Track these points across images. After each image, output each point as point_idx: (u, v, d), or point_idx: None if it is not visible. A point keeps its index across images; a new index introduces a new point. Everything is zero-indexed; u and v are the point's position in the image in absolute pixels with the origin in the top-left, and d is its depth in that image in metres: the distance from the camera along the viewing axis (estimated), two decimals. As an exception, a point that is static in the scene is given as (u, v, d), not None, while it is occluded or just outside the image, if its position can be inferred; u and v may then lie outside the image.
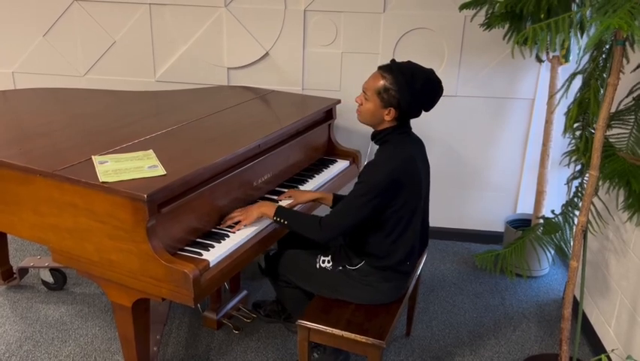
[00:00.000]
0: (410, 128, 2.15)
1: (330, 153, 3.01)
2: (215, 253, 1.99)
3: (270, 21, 3.31)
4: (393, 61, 2.08)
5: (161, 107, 2.87)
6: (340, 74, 3.38)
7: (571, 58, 3.08)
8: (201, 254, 1.98)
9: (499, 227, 3.62)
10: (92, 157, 2.05)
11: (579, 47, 3.07)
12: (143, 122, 2.58)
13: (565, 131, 2.23)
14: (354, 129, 3.39)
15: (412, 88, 1.99)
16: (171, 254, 1.88)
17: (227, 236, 2.11)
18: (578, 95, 2.14)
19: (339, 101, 3.01)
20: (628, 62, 1.94)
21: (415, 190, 2.09)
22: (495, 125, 3.45)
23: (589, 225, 2.17)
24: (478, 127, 3.44)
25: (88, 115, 2.72)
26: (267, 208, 2.17)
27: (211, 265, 1.94)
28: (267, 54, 3.39)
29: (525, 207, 3.57)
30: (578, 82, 2.24)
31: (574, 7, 2.35)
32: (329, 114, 2.97)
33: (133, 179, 1.89)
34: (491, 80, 3.34)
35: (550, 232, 2.37)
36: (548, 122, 3.18)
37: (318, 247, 2.32)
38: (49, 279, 3.03)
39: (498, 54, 3.29)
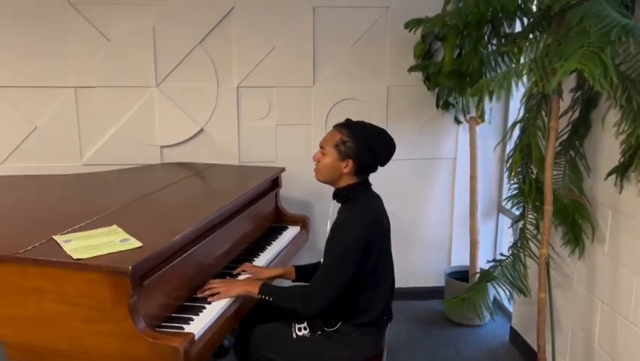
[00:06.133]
0: (370, 184, 2.23)
1: (279, 220, 3.03)
2: (199, 325, 1.89)
3: (204, 98, 3.36)
4: (348, 119, 2.19)
5: (101, 187, 2.76)
6: (276, 145, 3.47)
7: (486, 117, 3.41)
8: (183, 328, 1.87)
9: (437, 282, 3.75)
10: (54, 237, 1.92)
11: (490, 107, 3.43)
12: (87, 204, 2.47)
13: (509, 176, 2.43)
14: (297, 196, 3.46)
15: (367, 139, 2.09)
16: (151, 332, 1.77)
17: (204, 308, 2.02)
18: (517, 142, 2.37)
19: (283, 169, 3.06)
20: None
21: (385, 244, 2.15)
22: (422, 184, 3.67)
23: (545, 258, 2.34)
24: (407, 187, 3.63)
25: (22, 201, 2.54)
26: (251, 286, 2.10)
27: (196, 338, 1.84)
28: (201, 130, 3.40)
29: (458, 260, 3.76)
30: (489, 134, 2.48)
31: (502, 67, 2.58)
32: (275, 182, 3.01)
33: (109, 253, 1.78)
34: (416, 143, 3.58)
35: (504, 274, 2.52)
36: (473, 177, 3.44)
37: (289, 316, 2.24)
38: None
39: (418, 120, 3.56)
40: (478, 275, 3.40)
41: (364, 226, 2.03)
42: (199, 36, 3.28)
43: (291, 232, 2.92)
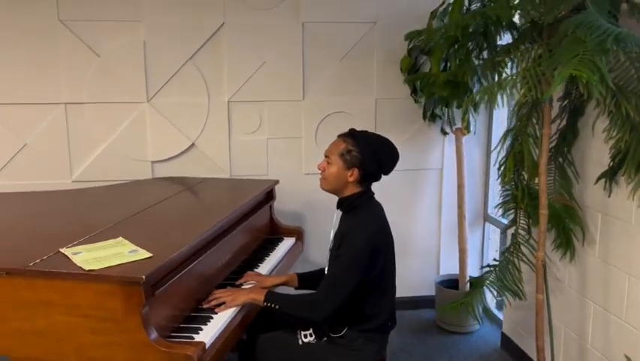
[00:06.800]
0: (373, 193, 2.28)
1: (274, 232, 3.05)
2: (208, 334, 1.91)
3: (195, 113, 3.38)
4: (352, 129, 2.24)
5: (97, 203, 2.75)
6: (267, 158, 3.50)
7: (471, 128, 3.50)
8: (193, 337, 1.88)
9: (426, 290, 3.80)
10: (61, 250, 1.91)
11: (475, 118, 3.53)
12: (86, 218, 2.46)
13: (502, 183, 2.51)
14: (288, 209, 3.48)
15: (372, 148, 2.14)
16: (162, 342, 1.78)
17: (212, 317, 2.03)
18: (509, 150, 2.45)
19: (277, 182, 3.10)
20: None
21: (389, 252, 2.20)
22: (410, 195, 3.73)
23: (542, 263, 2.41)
24: (395, 198, 3.67)
25: (21, 216, 2.52)
26: (257, 294, 2.13)
27: (207, 346, 1.85)
28: (192, 145, 3.41)
29: (447, 269, 3.82)
30: (474, 144, 2.56)
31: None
32: (270, 195, 3.04)
33: (119, 264, 1.79)
34: (403, 154, 3.62)
35: (499, 279, 2.58)
36: (461, 186, 3.52)
37: (294, 323, 2.26)
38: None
39: (406, 132, 3.63)
40: (469, 282, 3.49)
41: (370, 234, 2.07)
42: (190, 51, 3.31)
43: (287, 243, 2.94)
